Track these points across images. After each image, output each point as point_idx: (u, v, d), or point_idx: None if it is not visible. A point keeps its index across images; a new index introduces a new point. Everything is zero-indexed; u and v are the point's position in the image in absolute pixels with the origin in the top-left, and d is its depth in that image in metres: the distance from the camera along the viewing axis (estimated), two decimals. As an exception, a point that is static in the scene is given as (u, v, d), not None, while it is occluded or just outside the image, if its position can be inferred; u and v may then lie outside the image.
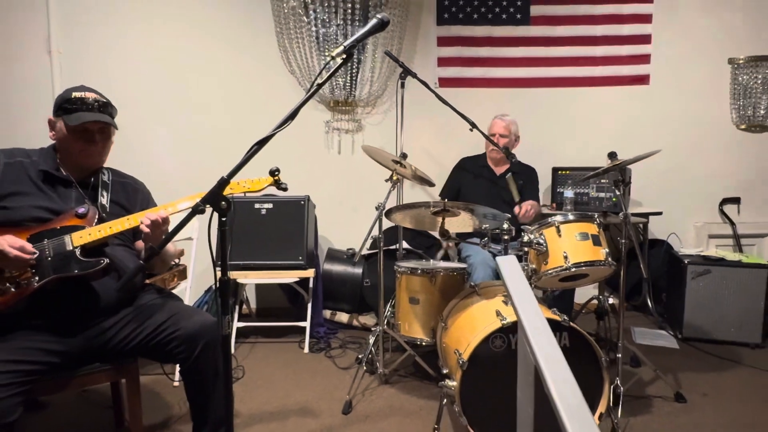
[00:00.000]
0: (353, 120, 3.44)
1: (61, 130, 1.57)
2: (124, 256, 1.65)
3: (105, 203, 1.63)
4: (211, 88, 3.38)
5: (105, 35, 3.29)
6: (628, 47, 3.41)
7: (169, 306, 1.61)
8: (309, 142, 3.40)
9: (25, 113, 3.26)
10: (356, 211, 3.44)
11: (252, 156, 1.24)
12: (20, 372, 1.32)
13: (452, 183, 2.95)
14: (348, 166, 3.45)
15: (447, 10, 3.40)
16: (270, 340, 3.00)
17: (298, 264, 2.86)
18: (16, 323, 1.41)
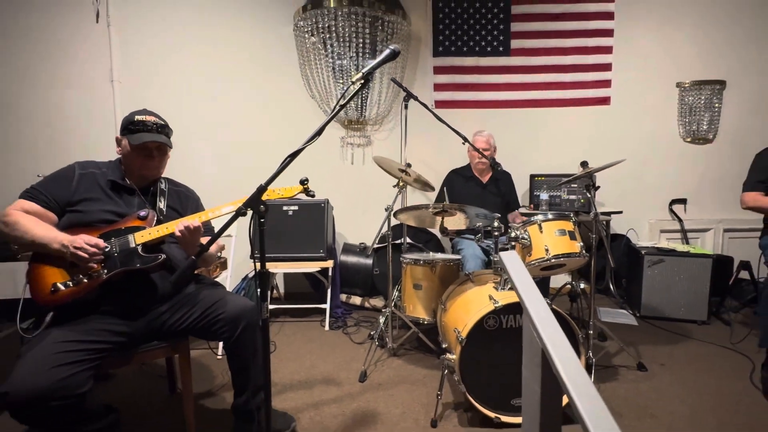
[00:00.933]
0: (364, 136, 3.41)
1: (126, 147, 1.54)
2: (177, 252, 1.62)
3: (162, 207, 1.60)
4: (244, 111, 3.35)
5: (156, 65, 3.26)
6: (593, 74, 3.37)
7: (214, 293, 1.58)
8: (327, 155, 3.37)
9: (90, 133, 3.23)
10: (366, 212, 3.42)
11: (286, 166, 1.20)
12: (92, 350, 1.29)
13: (446, 190, 2.91)
14: (359, 174, 3.42)
15: (441, 44, 3.35)
16: (296, 320, 2.97)
17: (319, 256, 2.83)
18: (89, 309, 1.38)
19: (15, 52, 3.17)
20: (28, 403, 1.14)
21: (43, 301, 1.34)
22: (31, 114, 3.23)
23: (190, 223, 1.45)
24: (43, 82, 3.20)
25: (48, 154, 3.21)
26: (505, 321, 1.66)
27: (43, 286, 1.35)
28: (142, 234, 1.46)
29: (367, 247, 3.25)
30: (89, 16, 3.20)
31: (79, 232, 1.40)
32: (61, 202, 1.47)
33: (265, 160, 3.35)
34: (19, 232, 1.35)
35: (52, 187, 1.47)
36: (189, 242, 1.45)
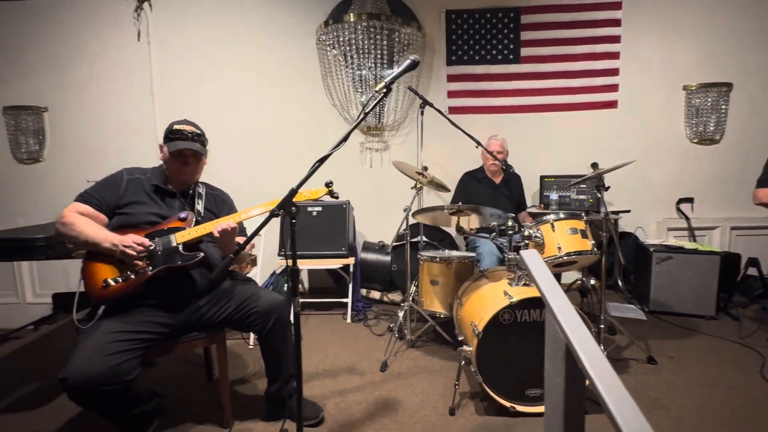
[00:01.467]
0: (382, 141, 3.41)
1: (166, 153, 1.58)
2: (213, 251, 1.64)
3: (200, 210, 1.63)
4: (270, 119, 3.38)
5: (190, 79, 3.32)
6: (600, 79, 3.28)
7: (247, 288, 1.60)
8: (348, 159, 3.38)
9: (132, 141, 3.32)
10: (384, 212, 3.40)
11: (315, 170, 1.21)
12: (140, 340, 1.32)
13: (460, 191, 2.90)
14: (377, 177, 3.42)
15: (454, 53, 3.32)
16: (320, 313, 2.99)
17: (341, 254, 2.84)
18: (136, 302, 1.42)
19: (68, 70, 3.28)
20: (84, 388, 1.17)
21: (95, 296, 1.38)
22: (81, 125, 3.33)
23: (227, 224, 1.47)
24: (91, 96, 3.30)
25: (96, 161, 3.31)
26: (520, 315, 1.63)
27: (96, 281, 1.38)
28: (183, 234, 1.49)
29: (385, 245, 3.25)
30: (131, 35, 3.28)
31: (127, 233, 1.44)
32: (110, 205, 1.51)
33: (291, 164, 3.41)
34: (74, 232, 1.40)
35: (103, 192, 1.51)
36: (226, 242, 1.48)
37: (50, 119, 3.33)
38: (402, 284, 3.09)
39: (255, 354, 2.30)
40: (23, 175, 3.36)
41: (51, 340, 2.72)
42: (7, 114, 3.29)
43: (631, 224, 3.31)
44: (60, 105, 3.33)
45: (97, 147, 3.33)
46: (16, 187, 3.36)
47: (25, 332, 2.94)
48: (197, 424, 1.65)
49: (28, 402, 1.86)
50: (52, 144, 3.36)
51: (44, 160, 3.36)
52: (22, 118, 3.29)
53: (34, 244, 1.69)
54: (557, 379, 0.65)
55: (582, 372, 0.57)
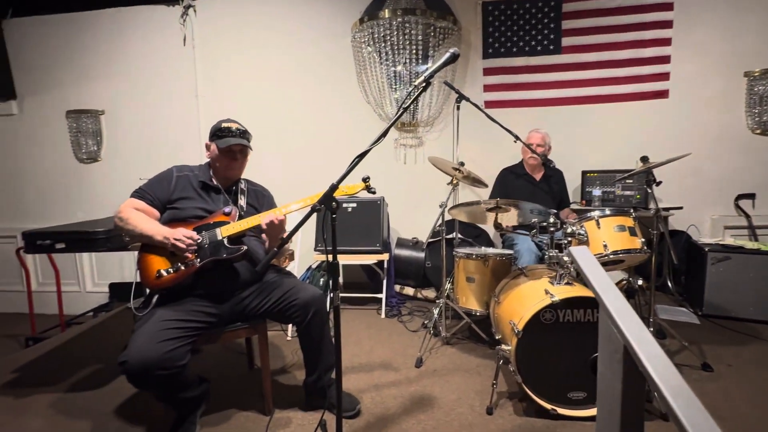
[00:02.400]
0: (416, 137, 3.39)
1: (214, 151, 1.64)
2: (255, 244, 1.70)
3: (243, 205, 1.69)
4: (306, 117, 3.44)
5: (232, 80, 3.44)
6: (649, 67, 3.08)
7: (287, 281, 1.64)
8: (382, 155, 3.38)
9: (178, 140, 3.49)
10: (417, 208, 3.40)
11: (355, 166, 1.21)
12: (189, 328, 1.39)
13: (499, 188, 2.82)
14: (412, 173, 3.40)
15: (491, 45, 3.23)
16: (354, 308, 3.02)
17: (375, 249, 2.85)
18: (186, 292, 1.49)
19: (121, 75, 3.49)
20: (141, 371, 1.25)
21: (149, 285, 1.47)
22: (133, 126, 3.55)
23: (275, 216, 1.51)
24: (142, 99, 3.50)
25: (147, 159, 3.51)
26: (562, 315, 1.57)
27: (150, 272, 1.47)
28: (227, 228, 1.55)
29: (419, 241, 3.23)
30: (178, 40, 3.45)
31: (177, 226, 1.51)
32: (162, 200, 1.59)
33: (327, 161, 3.46)
34: (130, 226, 1.49)
35: (155, 188, 1.60)
36: (273, 234, 1.52)
37: (106, 121, 3.57)
38: (436, 281, 3.07)
39: (293, 345, 2.36)
40: (83, 173, 3.62)
41: (108, 326, 2.93)
42: (70, 117, 3.56)
43: (682, 222, 3.09)
44: (115, 108, 3.56)
45: (147, 146, 3.54)
46: (77, 185, 3.63)
47: (85, 318, 3.19)
48: (240, 410, 1.72)
49: (89, 382, 2.01)
50: (109, 145, 3.60)
51: (101, 160, 3.60)
52: (82, 121, 3.55)
53: (96, 237, 1.82)
54: (614, 382, 0.61)
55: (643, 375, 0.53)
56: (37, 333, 2.86)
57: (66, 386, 1.98)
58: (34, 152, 3.63)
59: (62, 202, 3.64)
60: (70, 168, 3.62)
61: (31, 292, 2.96)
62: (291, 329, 2.52)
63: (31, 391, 1.93)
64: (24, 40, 3.50)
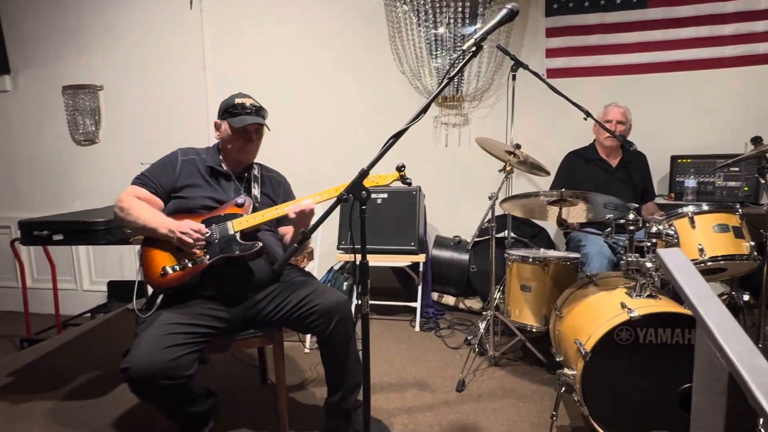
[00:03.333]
0: (460, 114, 3.34)
1: (226, 130, 1.69)
2: (271, 240, 1.74)
3: (257, 194, 1.74)
4: (330, 92, 3.47)
5: (244, 49, 3.53)
6: (765, 23, 2.87)
7: (308, 284, 1.67)
8: (419, 137, 3.36)
9: (183, 119, 3.62)
10: (461, 201, 3.37)
11: (389, 148, 1.22)
12: (197, 334, 1.45)
13: (564, 177, 2.72)
14: (454, 158, 3.37)
15: (556, 0, 3.13)
16: (384, 317, 3.04)
17: (410, 249, 2.86)
18: (193, 293, 1.56)
19: (121, 44, 3.66)
20: (144, 379, 1.32)
21: (154, 284, 1.54)
22: (134, 103, 3.72)
23: (305, 205, 1.55)
24: (144, 72, 3.66)
25: (149, 140, 3.67)
26: (643, 335, 1.51)
27: (154, 269, 1.54)
28: (240, 221, 1.60)
29: (462, 240, 3.21)
30: (183, 3, 3.57)
31: (183, 218, 1.58)
32: (166, 188, 1.67)
33: (353, 143, 3.48)
34: (132, 217, 1.57)
35: (159, 174, 1.67)
36: (303, 225, 1.56)
37: (105, 98, 3.76)
38: (482, 289, 3.04)
39: (311, 359, 2.42)
40: (81, 157, 3.85)
41: (107, 328, 3.11)
42: (66, 93, 3.78)
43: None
44: (114, 83, 3.74)
45: (149, 126, 3.70)
46: (74, 170, 3.86)
47: (83, 319, 3.41)
48: (252, 430, 1.78)
49: (89, 390, 2.15)
50: (108, 124, 3.79)
51: (100, 141, 3.81)
52: (79, 98, 3.76)
53: (95, 228, 1.94)
54: (714, 419, 0.58)
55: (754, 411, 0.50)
56: (32, 334, 3.08)
57: (64, 393, 2.13)
58: (28, 133, 3.89)
59: (57, 189, 3.88)
60: (66, 151, 3.85)
61: (26, 289, 3.19)
62: (310, 340, 2.58)
63: (28, 397, 2.10)
64: (18, 10, 3.74)
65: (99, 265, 3.89)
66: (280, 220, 1.85)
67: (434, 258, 3.14)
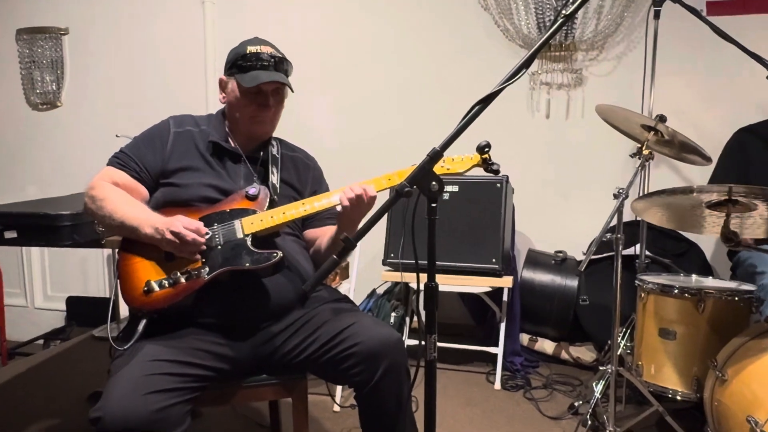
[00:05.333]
0: (570, 70, 3.30)
1: (234, 91, 1.74)
2: (294, 248, 1.77)
3: (275, 183, 1.77)
4: (379, 38, 3.52)
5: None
6: None
7: (345, 313, 1.68)
8: (505, 104, 3.26)
9: (174, 73, 3.78)
10: (568, 199, 3.33)
11: (473, 119, 1.22)
12: (191, 377, 1.49)
13: (733, 165, 2.64)
14: (560, 136, 3.34)
15: None
16: (448, 367, 3.04)
17: (489, 269, 2.84)
18: (186, 320, 1.60)
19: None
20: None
21: (134, 303, 1.60)
22: (106, 54, 3.91)
23: (365, 191, 1.56)
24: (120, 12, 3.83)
25: (127, 104, 3.85)
26: None
27: (135, 283, 1.60)
28: (252, 220, 1.63)
29: (569, 258, 3.17)
30: None
31: (175, 213, 1.62)
32: (153, 172, 1.73)
33: (410, 111, 3.48)
34: (106, 210, 1.64)
35: (143, 152, 1.74)
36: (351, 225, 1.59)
37: (71, 46, 3.99)
38: (599, 332, 2.99)
39: (345, 420, 2.45)
40: (37, 125, 4.10)
41: (67, 361, 3.28)
42: (21, 39, 4.04)
43: None
44: (83, 26, 3.95)
45: (130, 83, 3.87)
46: (29, 144, 4.12)
47: (34, 348, 3.61)
48: None
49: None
50: (73, 81, 4.02)
51: (62, 105, 4.04)
52: (37, 45, 4.01)
53: (59, 224, 2.04)
54: None
55: None
56: (-32, 366, 3.30)
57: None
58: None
59: (6, 169, 4.15)
60: (18, 117, 4.12)
61: (-36, 304, 3.43)
62: (340, 393, 2.61)
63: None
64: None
65: (57, 275, 4.12)
66: (307, 220, 1.88)
67: (525, 283, 3.11)
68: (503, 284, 2.83)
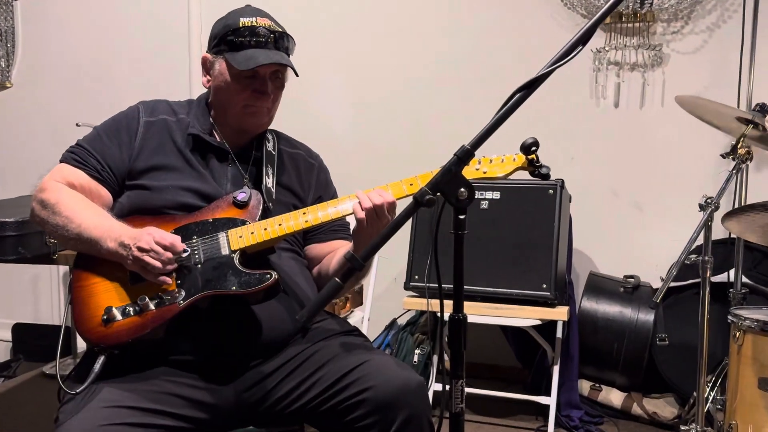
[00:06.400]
0: (646, 46, 3.29)
1: (222, 74, 1.75)
2: (293, 268, 1.78)
3: (270, 186, 1.78)
4: (411, 7, 3.56)
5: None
6: None
7: (355, 350, 1.68)
8: (561, 89, 3.33)
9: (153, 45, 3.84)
10: (642, 210, 3.33)
11: (513, 110, 1.19)
12: (160, 428, 1.50)
13: None
14: (632, 129, 3.34)
15: None
16: (486, 420, 3.04)
17: (539, 296, 2.84)
18: (156, 357, 1.61)
19: None
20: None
21: (90, 335, 1.61)
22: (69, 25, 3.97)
23: (382, 196, 1.56)
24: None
25: (90, 88, 3.91)
26: None
27: (92, 311, 1.61)
28: (241, 233, 1.64)
29: (641, 285, 3.15)
30: None
31: (145, 224, 1.64)
32: (117, 171, 1.75)
33: (444, 101, 3.50)
34: (60, 218, 1.65)
35: (106, 146, 1.76)
36: (369, 235, 1.59)
37: (24, 13, 4.05)
38: (681, 380, 2.98)
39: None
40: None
41: (11, 402, 3.30)
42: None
43: None
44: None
45: (94, 61, 3.93)
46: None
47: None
48: None
49: None
50: (27, 56, 4.08)
51: (11, 86, 4.11)
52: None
53: (1, 234, 2.06)
54: None
55: None
56: None
57: None
58: None
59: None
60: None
61: None
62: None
63: None
64: None
65: (1, 297, 4.16)
66: (309, 233, 1.89)
67: (586, 315, 3.12)
68: (557, 316, 2.83)
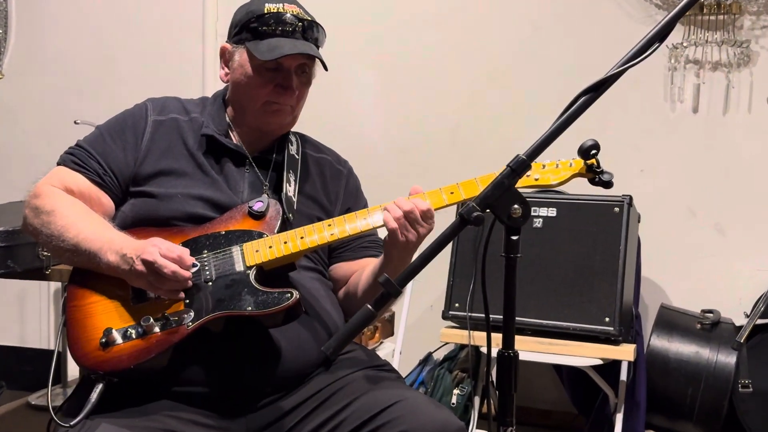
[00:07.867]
0: (732, 43, 3.28)
1: (243, 66, 1.78)
2: (316, 289, 1.80)
3: (292, 194, 1.81)
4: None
5: None
6: None
7: (386, 387, 1.69)
8: (630, 91, 3.34)
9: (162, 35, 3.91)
10: (724, 234, 3.31)
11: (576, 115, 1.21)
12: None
13: None
14: (713, 138, 3.33)
15: None
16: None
17: (600, 331, 2.83)
18: (160, 388, 1.63)
19: None
20: None
21: (87, 361, 1.63)
22: (68, 10, 4.04)
23: (416, 205, 1.57)
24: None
25: (91, 79, 3.99)
26: None
27: (90, 332, 1.63)
28: (258, 247, 1.66)
29: (722, 321, 3.13)
30: None
31: (150, 235, 1.67)
32: (121, 176, 1.79)
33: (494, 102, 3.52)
34: (55, 227, 1.68)
35: (110, 147, 1.80)
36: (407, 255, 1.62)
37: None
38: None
39: None
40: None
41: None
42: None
43: None
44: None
45: (97, 51, 4.01)
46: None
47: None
48: None
49: None
50: (20, 44, 4.17)
51: (3, 77, 4.18)
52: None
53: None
54: None
55: None
56: None
57: None
58: None
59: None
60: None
61: None
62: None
63: None
64: None
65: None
66: (336, 249, 1.92)
67: (655, 355, 3.10)
68: (621, 356, 2.82)
